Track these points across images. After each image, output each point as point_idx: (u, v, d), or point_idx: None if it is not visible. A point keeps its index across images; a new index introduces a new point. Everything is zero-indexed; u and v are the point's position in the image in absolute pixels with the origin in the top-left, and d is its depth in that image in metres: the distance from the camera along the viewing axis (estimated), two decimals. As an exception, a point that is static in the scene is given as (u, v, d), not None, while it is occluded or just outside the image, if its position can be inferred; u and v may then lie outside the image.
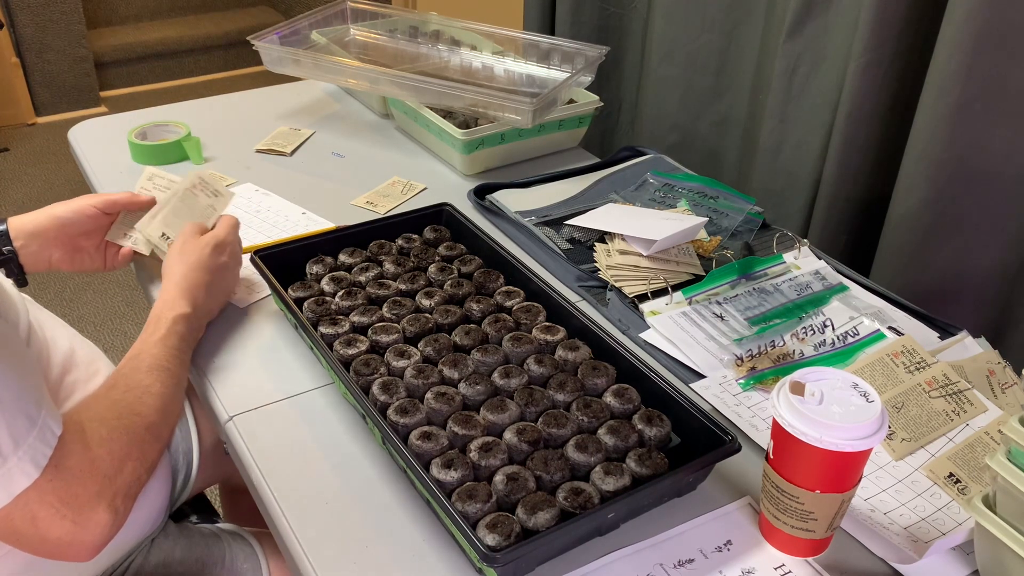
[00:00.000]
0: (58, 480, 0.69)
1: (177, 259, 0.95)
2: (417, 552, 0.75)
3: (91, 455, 0.72)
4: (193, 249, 0.96)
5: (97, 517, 0.71)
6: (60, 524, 0.69)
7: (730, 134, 1.66)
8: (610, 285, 1.09)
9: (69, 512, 0.69)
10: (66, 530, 0.70)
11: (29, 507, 0.67)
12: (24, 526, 0.69)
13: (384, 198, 1.31)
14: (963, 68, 1.13)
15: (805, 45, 1.38)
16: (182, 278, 0.93)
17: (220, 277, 0.98)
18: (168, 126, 1.43)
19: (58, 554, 0.72)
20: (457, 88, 1.32)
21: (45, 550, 0.72)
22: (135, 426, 0.78)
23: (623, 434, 0.81)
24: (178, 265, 0.95)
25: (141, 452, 0.78)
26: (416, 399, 0.85)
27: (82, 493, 0.70)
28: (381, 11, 1.68)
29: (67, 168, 3.28)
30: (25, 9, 3.44)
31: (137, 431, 0.78)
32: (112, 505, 0.73)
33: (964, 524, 0.78)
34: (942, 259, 1.26)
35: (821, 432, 0.68)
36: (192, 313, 0.92)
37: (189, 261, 0.95)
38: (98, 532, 0.72)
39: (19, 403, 0.67)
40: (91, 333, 2.40)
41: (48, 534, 0.69)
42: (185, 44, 4.04)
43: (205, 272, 0.95)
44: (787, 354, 0.98)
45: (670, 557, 0.75)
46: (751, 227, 1.23)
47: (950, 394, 0.90)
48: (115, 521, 0.73)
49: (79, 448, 0.71)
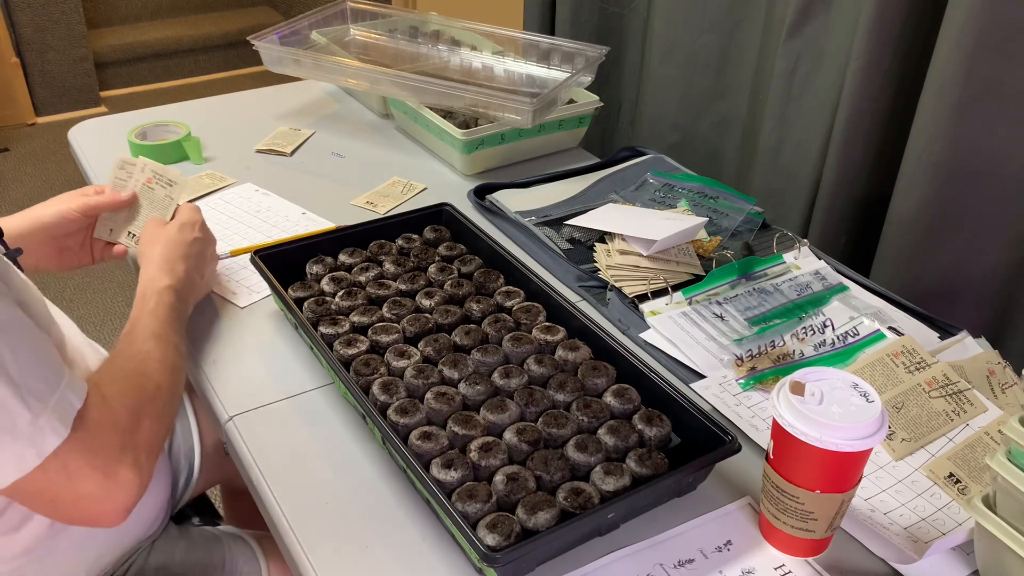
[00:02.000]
0: (84, 434, 0.71)
1: (148, 246, 0.98)
2: (417, 552, 0.75)
3: (110, 410, 0.75)
4: (160, 234, 0.99)
5: (124, 473, 0.74)
6: (92, 477, 0.72)
7: (730, 134, 1.66)
8: (610, 285, 1.09)
9: (99, 463, 0.72)
10: (98, 484, 0.72)
11: (62, 461, 0.69)
12: (60, 483, 0.70)
13: (384, 198, 1.31)
14: (963, 68, 1.13)
15: (805, 45, 1.38)
16: (158, 257, 0.96)
17: (195, 251, 0.99)
18: (168, 126, 1.43)
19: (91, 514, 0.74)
20: (457, 88, 1.32)
21: (79, 511, 0.74)
22: (145, 385, 0.81)
23: (623, 434, 0.81)
24: (150, 250, 0.97)
25: (155, 410, 0.80)
26: (416, 399, 0.85)
27: (107, 445, 0.73)
28: (381, 11, 1.68)
29: (67, 168, 3.28)
30: (25, 9, 3.44)
31: (147, 390, 0.81)
32: (136, 462, 0.75)
33: (964, 524, 0.78)
34: (942, 259, 1.26)
35: (821, 432, 0.68)
36: (174, 284, 0.93)
37: (160, 243, 0.97)
38: (126, 490, 0.74)
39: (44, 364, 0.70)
40: (91, 333, 2.39)
41: (82, 490, 0.72)
42: (185, 44, 4.04)
43: (177, 247, 0.97)
44: (787, 354, 0.98)
45: (670, 557, 0.75)
46: (751, 227, 1.23)
47: (950, 394, 0.90)
48: (140, 480, 0.75)
49: (99, 403, 0.74)
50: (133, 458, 0.75)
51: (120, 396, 0.77)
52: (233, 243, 1.17)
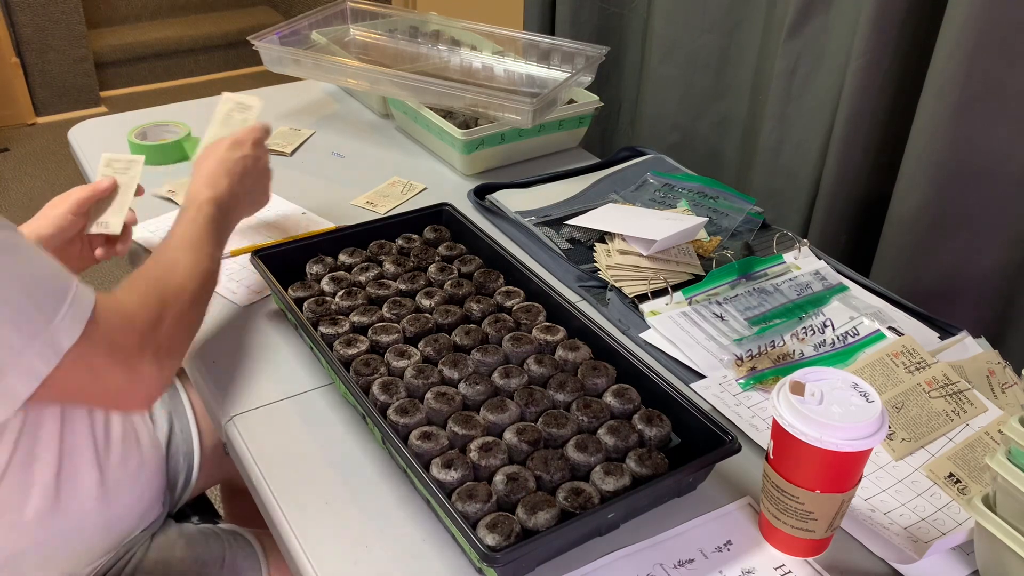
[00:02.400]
0: (102, 334, 0.75)
1: (199, 163, 1.02)
2: (417, 552, 0.75)
3: (128, 312, 0.79)
4: (211, 151, 1.03)
5: (145, 368, 0.79)
6: (115, 371, 0.77)
7: (730, 134, 1.66)
8: (610, 285, 1.09)
9: (120, 357, 0.77)
10: (122, 377, 0.78)
11: (84, 359, 0.74)
12: (85, 378, 0.76)
13: (384, 198, 1.31)
14: (963, 68, 1.13)
15: (805, 45, 1.38)
16: (205, 172, 1.00)
17: (240, 168, 1.02)
18: (168, 126, 1.43)
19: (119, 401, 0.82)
20: (457, 88, 1.32)
21: (108, 399, 0.81)
22: (166, 288, 0.85)
23: (623, 434, 0.81)
24: (200, 166, 1.02)
25: (176, 311, 0.84)
26: (416, 399, 0.85)
27: (126, 343, 0.78)
28: (381, 11, 1.68)
29: (67, 168, 3.28)
30: (25, 9, 3.44)
31: (168, 291, 0.84)
32: (156, 357, 0.80)
33: (964, 524, 0.78)
34: (942, 259, 1.26)
35: (821, 432, 0.68)
36: (216, 197, 0.97)
37: (210, 159, 1.02)
38: (149, 382, 0.80)
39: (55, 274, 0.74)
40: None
41: (108, 382, 0.77)
42: (185, 44, 4.04)
43: (223, 163, 1.01)
44: (787, 354, 0.98)
45: (670, 557, 0.75)
46: (751, 227, 1.23)
47: (950, 394, 0.90)
48: (161, 375, 0.81)
49: (114, 307, 0.78)
50: (153, 354, 0.79)
51: (139, 296, 0.82)
52: (233, 243, 1.17)
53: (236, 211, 1.02)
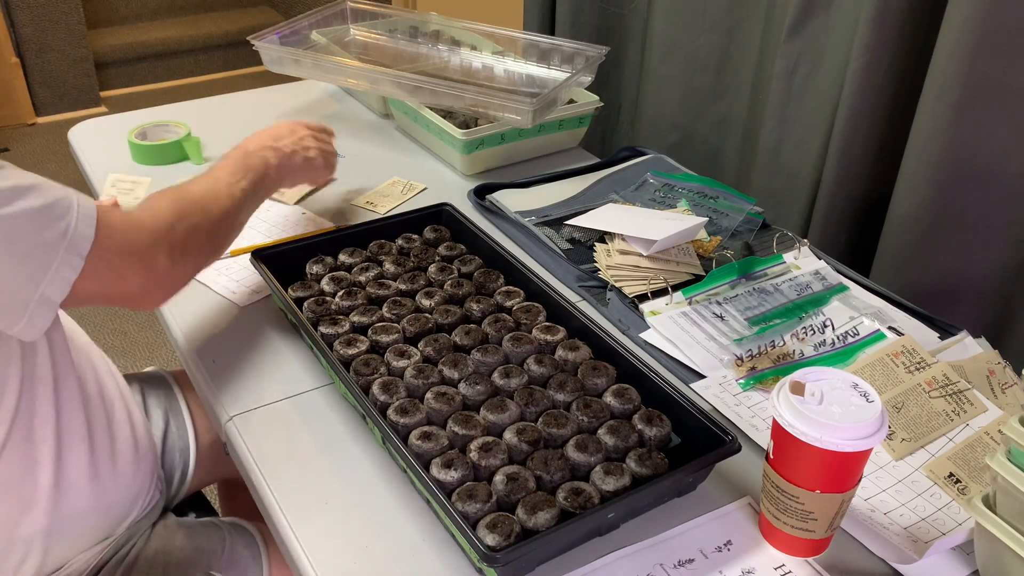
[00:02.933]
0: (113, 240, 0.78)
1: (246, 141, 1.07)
2: (417, 552, 0.75)
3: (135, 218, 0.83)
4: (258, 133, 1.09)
5: (160, 262, 0.82)
6: (134, 270, 0.80)
7: (730, 134, 1.66)
8: (610, 285, 1.09)
9: (134, 256, 0.80)
10: (141, 275, 0.81)
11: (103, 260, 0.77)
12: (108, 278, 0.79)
13: (384, 198, 1.31)
14: (963, 68, 1.13)
15: (805, 45, 1.38)
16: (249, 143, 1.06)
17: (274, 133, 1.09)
18: (168, 126, 1.43)
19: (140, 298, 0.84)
20: (457, 88, 1.32)
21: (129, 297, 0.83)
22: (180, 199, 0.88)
23: (623, 434, 0.81)
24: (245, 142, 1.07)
25: (191, 218, 0.87)
26: (416, 399, 0.85)
27: (138, 242, 0.81)
28: (381, 11, 1.68)
29: (67, 168, 3.28)
30: (25, 9, 3.44)
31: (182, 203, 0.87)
32: (171, 253, 0.83)
33: (964, 524, 0.78)
34: (942, 259, 1.26)
35: (821, 432, 0.68)
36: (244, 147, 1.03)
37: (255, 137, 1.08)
38: (164, 277, 0.84)
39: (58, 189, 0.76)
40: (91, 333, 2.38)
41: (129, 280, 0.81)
42: (185, 44, 4.04)
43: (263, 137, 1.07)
44: (787, 354, 0.98)
45: (670, 557, 0.75)
46: (751, 227, 1.23)
47: (950, 394, 0.90)
48: (174, 271, 0.84)
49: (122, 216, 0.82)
50: (167, 250, 0.82)
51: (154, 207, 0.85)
52: (233, 243, 1.17)
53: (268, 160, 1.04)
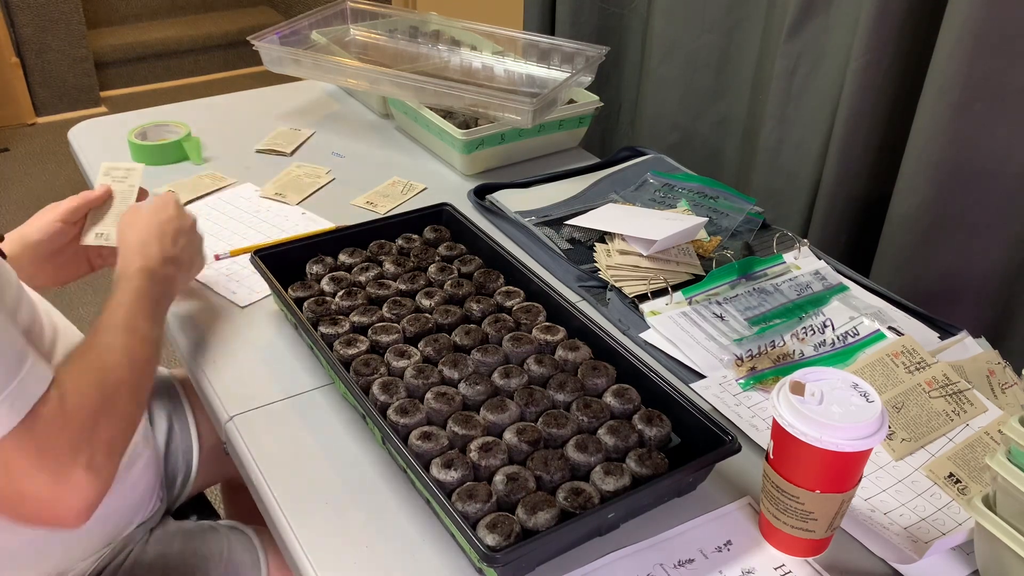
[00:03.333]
0: (36, 430, 0.69)
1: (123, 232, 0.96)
2: (417, 552, 0.75)
3: (66, 408, 0.72)
4: (134, 218, 0.97)
5: (77, 476, 0.71)
6: (38, 478, 0.69)
7: (730, 134, 1.66)
8: (610, 285, 1.09)
9: (47, 464, 0.69)
10: (45, 486, 0.69)
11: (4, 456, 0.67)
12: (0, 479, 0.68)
13: (384, 198, 1.31)
14: (963, 68, 1.13)
15: (805, 45, 1.38)
16: (132, 241, 0.94)
17: (171, 228, 0.97)
18: (168, 126, 1.43)
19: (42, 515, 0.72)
20: (457, 88, 1.32)
21: (27, 510, 0.71)
22: (105, 382, 0.78)
23: (623, 434, 0.81)
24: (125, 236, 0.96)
25: (115, 408, 0.77)
26: (416, 399, 0.85)
27: (57, 446, 0.70)
28: (381, 11, 1.68)
29: (67, 168, 3.28)
30: (25, 9, 3.44)
31: (108, 386, 0.77)
32: (91, 464, 0.72)
33: (964, 524, 0.78)
34: (942, 259, 1.26)
35: (821, 432, 0.68)
36: (147, 265, 0.91)
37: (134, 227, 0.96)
38: (80, 493, 0.71)
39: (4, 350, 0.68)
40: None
41: (26, 489, 0.69)
42: (185, 44, 4.04)
43: (150, 227, 0.95)
44: (787, 354, 0.98)
45: (670, 557, 0.75)
46: (751, 227, 1.23)
47: (950, 394, 0.90)
48: (96, 482, 0.73)
49: (55, 400, 0.71)
50: (88, 459, 0.72)
51: (78, 393, 0.74)
52: (233, 243, 1.17)
53: (171, 278, 0.94)
